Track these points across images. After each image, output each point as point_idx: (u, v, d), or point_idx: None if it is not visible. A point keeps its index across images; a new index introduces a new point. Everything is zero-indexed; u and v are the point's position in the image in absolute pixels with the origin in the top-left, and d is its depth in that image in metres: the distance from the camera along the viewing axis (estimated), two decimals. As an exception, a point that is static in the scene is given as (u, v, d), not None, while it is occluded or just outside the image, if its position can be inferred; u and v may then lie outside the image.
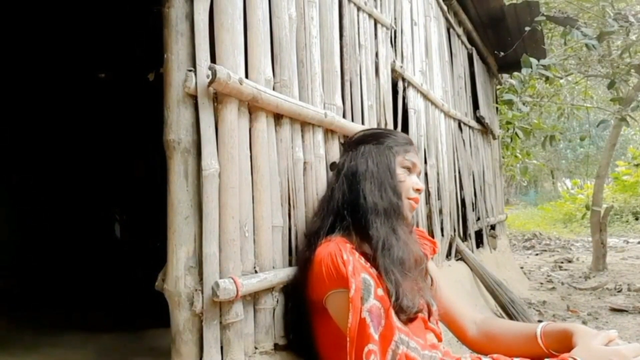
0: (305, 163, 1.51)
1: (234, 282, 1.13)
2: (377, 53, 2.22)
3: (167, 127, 1.14)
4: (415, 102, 2.73)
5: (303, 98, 1.54)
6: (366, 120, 1.98)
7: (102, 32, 3.78)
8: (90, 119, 4.49)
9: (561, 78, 5.53)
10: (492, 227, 4.56)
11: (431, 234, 2.80)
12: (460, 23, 4.03)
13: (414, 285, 1.23)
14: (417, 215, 2.57)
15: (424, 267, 1.37)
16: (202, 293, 1.11)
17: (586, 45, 3.89)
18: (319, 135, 1.59)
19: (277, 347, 1.31)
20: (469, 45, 4.25)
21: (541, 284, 4.81)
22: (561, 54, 5.21)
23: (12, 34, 3.75)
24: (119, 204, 5.03)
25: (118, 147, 4.62)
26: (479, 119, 4.33)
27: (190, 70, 1.13)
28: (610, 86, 4.51)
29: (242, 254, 1.22)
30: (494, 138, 5.06)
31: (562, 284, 4.78)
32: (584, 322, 3.22)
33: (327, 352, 1.26)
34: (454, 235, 3.32)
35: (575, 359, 1.06)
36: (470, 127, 4.10)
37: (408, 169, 1.37)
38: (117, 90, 4.52)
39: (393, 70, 2.43)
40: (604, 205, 5.89)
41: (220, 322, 1.14)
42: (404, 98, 2.61)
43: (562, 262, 6.19)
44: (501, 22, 4.32)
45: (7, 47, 3.76)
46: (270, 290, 1.30)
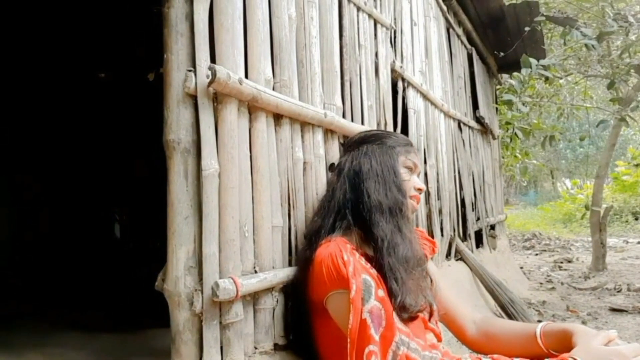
0: (305, 163, 1.51)
1: (234, 282, 1.13)
2: (376, 53, 2.22)
3: (167, 127, 1.14)
4: (415, 102, 2.73)
5: (303, 98, 1.54)
6: (366, 120, 1.99)
7: (102, 32, 3.78)
8: (90, 119, 4.50)
9: (561, 78, 5.53)
10: (492, 227, 4.56)
11: (431, 234, 2.80)
12: (460, 23, 4.03)
13: (417, 284, 1.23)
14: (417, 215, 2.58)
15: (425, 267, 1.37)
16: (202, 293, 1.11)
17: (586, 45, 3.89)
18: (319, 136, 1.59)
19: (277, 347, 1.31)
20: (468, 46, 4.25)
21: (541, 284, 4.81)
22: (561, 54, 5.20)
23: (12, 34, 3.75)
24: (119, 204, 5.04)
25: (118, 147, 4.62)
26: (478, 119, 4.34)
27: (190, 71, 1.14)
28: (610, 86, 4.51)
29: (242, 254, 1.22)
30: (494, 138, 5.06)
31: (562, 284, 4.78)
32: (583, 322, 3.23)
33: (327, 352, 1.26)
34: (454, 235, 3.32)
35: (575, 359, 1.06)
36: (470, 127, 4.10)
37: (410, 169, 1.37)
38: (117, 90, 4.52)
39: (393, 71, 2.43)
40: (604, 205, 5.89)
41: (220, 322, 1.14)
42: (403, 98, 2.61)
43: (561, 262, 6.19)
44: (501, 22, 4.32)
45: (7, 47, 3.76)
46: (270, 290, 1.30)
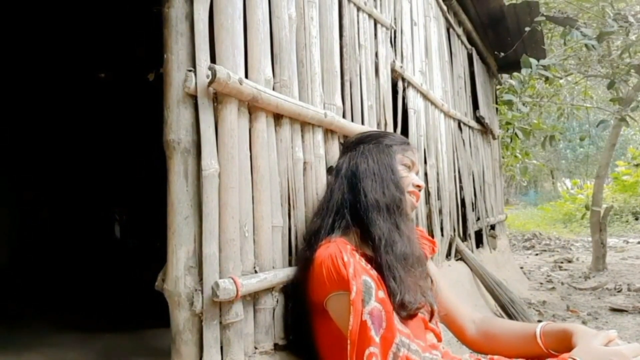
0: (305, 163, 1.51)
1: (234, 282, 1.13)
2: (377, 53, 2.22)
3: (167, 127, 1.14)
4: (415, 102, 2.73)
5: (303, 98, 1.54)
6: (366, 120, 1.98)
7: (102, 32, 3.78)
8: (91, 119, 4.50)
9: (561, 78, 5.53)
10: (492, 227, 4.56)
11: (431, 233, 2.80)
12: (460, 23, 4.03)
13: (416, 281, 1.23)
14: (417, 215, 2.57)
15: (425, 267, 1.37)
16: (202, 293, 1.11)
17: (586, 45, 3.89)
18: (319, 136, 1.59)
19: (277, 347, 1.31)
20: (468, 46, 4.25)
21: (541, 284, 4.81)
22: (561, 54, 5.20)
23: (13, 34, 3.76)
24: (119, 204, 5.04)
25: (118, 147, 4.62)
26: (478, 119, 4.34)
27: (190, 71, 1.13)
28: (610, 86, 4.51)
29: (242, 254, 1.22)
30: (494, 138, 5.07)
31: (562, 284, 4.78)
32: (583, 322, 3.22)
33: (327, 353, 1.25)
34: (454, 235, 3.32)
35: (575, 359, 1.06)
36: (470, 127, 4.10)
37: (407, 166, 1.38)
38: (117, 90, 4.52)
39: (393, 70, 2.43)
40: (604, 205, 5.89)
41: (220, 322, 1.14)
42: (403, 98, 2.61)
43: (562, 262, 6.19)
44: (501, 22, 4.32)
45: (8, 47, 3.76)
46: (270, 290, 1.30)
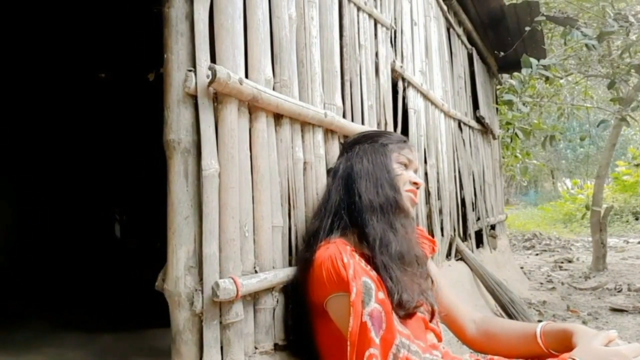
0: (305, 163, 1.51)
1: (234, 282, 1.13)
2: (377, 53, 2.22)
3: (167, 127, 1.14)
4: (415, 102, 2.73)
5: (303, 98, 1.54)
6: (366, 120, 1.98)
7: (102, 32, 3.78)
8: (91, 119, 4.50)
9: (561, 78, 5.53)
10: (492, 227, 4.56)
11: (431, 233, 2.80)
12: (460, 23, 4.03)
13: (413, 280, 1.22)
14: (417, 215, 2.57)
15: (425, 266, 1.37)
16: (202, 293, 1.11)
17: (586, 45, 3.89)
18: (319, 135, 1.59)
19: (277, 347, 1.31)
20: (469, 45, 4.25)
21: (541, 284, 4.81)
22: (561, 54, 5.20)
23: (13, 34, 3.76)
24: (119, 204, 5.05)
25: (118, 147, 4.62)
26: (479, 119, 4.34)
27: (190, 71, 1.13)
28: (610, 86, 4.51)
29: (242, 254, 1.21)
30: (494, 138, 5.07)
31: (562, 284, 4.78)
32: (584, 322, 3.22)
33: (327, 353, 1.25)
34: (454, 235, 3.32)
35: (575, 359, 1.06)
36: (470, 127, 4.10)
37: (404, 165, 1.37)
38: (117, 90, 4.52)
39: (393, 70, 2.43)
40: (604, 205, 5.89)
41: (220, 322, 1.14)
42: (404, 98, 2.61)
43: (562, 262, 6.19)
44: (501, 22, 4.32)
45: (8, 47, 3.76)
46: (270, 290, 1.30)
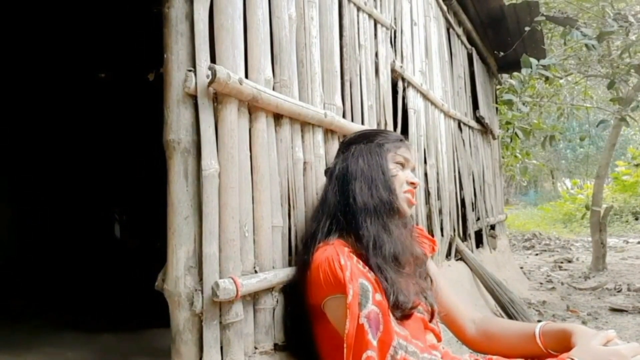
0: (305, 163, 1.51)
1: (234, 282, 1.13)
2: (377, 53, 2.22)
3: (167, 127, 1.14)
4: (415, 102, 2.73)
5: (303, 98, 1.54)
6: (366, 120, 1.98)
7: (102, 32, 3.78)
8: (91, 118, 4.50)
9: (561, 78, 5.53)
10: (492, 227, 4.56)
11: (431, 233, 2.80)
12: (460, 23, 4.03)
13: (409, 281, 1.22)
14: (417, 215, 2.57)
15: (425, 268, 1.36)
16: (202, 293, 1.11)
17: (586, 45, 3.89)
18: (319, 135, 1.59)
19: (277, 347, 1.31)
20: (468, 46, 4.25)
21: (541, 284, 4.81)
22: (561, 54, 5.20)
23: (13, 34, 3.76)
24: (119, 204, 5.05)
25: (118, 147, 4.62)
26: (478, 119, 4.34)
27: (190, 70, 1.13)
28: (610, 86, 4.51)
29: (242, 254, 1.22)
30: (494, 138, 5.07)
31: (562, 284, 4.78)
32: (583, 322, 3.23)
33: (327, 354, 1.25)
34: (454, 235, 3.32)
35: (574, 359, 1.06)
36: (470, 127, 4.10)
37: (401, 164, 1.36)
38: (117, 90, 4.52)
39: (393, 70, 2.43)
40: (604, 205, 5.89)
41: (220, 322, 1.14)
42: (403, 98, 2.61)
43: (561, 262, 6.19)
44: (501, 22, 4.32)
45: (8, 47, 3.76)
46: (270, 290, 1.30)
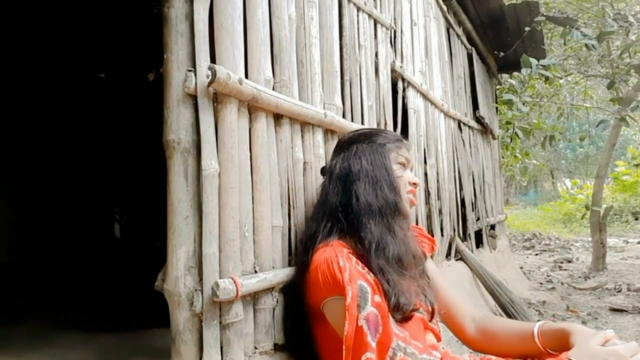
0: (305, 163, 1.51)
1: (234, 282, 1.13)
2: (376, 53, 2.22)
3: (167, 127, 1.14)
4: (415, 102, 2.73)
5: (303, 98, 1.54)
6: (366, 120, 1.98)
7: (102, 32, 3.78)
8: (91, 118, 4.50)
9: (561, 78, 5.53)
10: (492, 227, 4.56)
11: (431, 233, 2.80)
12: (460, 23, 4.03)
13: (411, 283, 1.22)
14: (417, 215, 2.57)
15: (423, 267, 1.36)
16: (202, 293, 1.11)
17: (586, 45, 3.89)
18: (319, 135, 1.59)
19: (277, 347, 1.31)
20: (468, 46, 4.25)
21: (541, 284, 4.81)
22: (561, 54, 5.20)
23: (13, 34, 3.76)
24: (119, 204, 5.05)
25: (118, 147, 4.62)
26: (478, 119, 4.34)
27: (190, 71, 1.13)
28: (610, 86, 4.51)
29: (241, 254, 1.22)
30: (494, 138, 5.07)
31: (562, 284, 4.78)
32: (583, 322, 3.23)
33: (326, 354, 1.25)
34: (454, 235, 3.32)
35: (572, 359, 1.06)
36: (470, 127, 4.10)
37: (402, 164, 1.36)
38: (117, 90, 4.52)
39: (393, 70, 2.43)
40: (604, 205, 5.89)
41: (220, 322, 1.14)
42: (403, 98, 2.61)
43: (561, 262, 6.19)
44: (501, 22, 4.32)
45: (8, 47, 3.76)
46: (270, 290, 1.30)
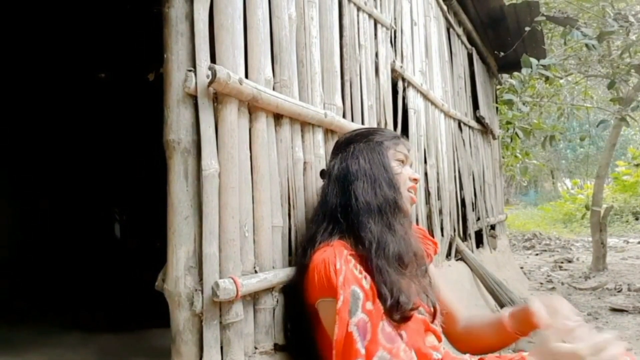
0: (305, 163, 1.51)
1: (234, 282, 1.13)
2: (377, 53, 2.22)
3: (167, 127, 1.14)
4: (415, 102, 2.73)
5: (303, 98, 1.54)
6: (366, 120, 1.98)
7: (102, 32, 3.78)
8: (91, 118, 4.50)
9: (561, 78, 5.53)
10: (492, 227, 4.56)
11: (431, 234, 2.79)
12: (460, 23, 4.03)
13: (411, 282, 1.21)
14: (417, 216, 2.57)
15: (425, 266, 1.36)
16: (202, 293, 1.11)
17: (586, 45, 3.89)
18: (319, 135, 1.59)
19: (277, 347, 1.31)
20: (468, 45, 4.25)
21: (541, 284, 4.81)
22: (561, 54, 5.21)
23: (13, 34, 3.76)
24: (119, 204, 5.04)
25: (118, 147, 4.62)
26: (478, 119, 4.34)
27: (190, 71, 1.13)
28: (610, 86, 4.51)
29: (242, 254, 1.21)
30: (494, 138, 5.06)
31: (562, 284, 4.78)
32: (583, 322, 3.22)
33: (326, 355, 1.25)
34: (454, 235, 3.32)
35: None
36: (470, 127, 4.10)
37: (401, 161, 1.36)
38: (117, 90, 4.52)
39: (393, 70, 2.43)
40: (604, 205, 5.89)
41: (220, 322, 1.14)
42: (403, 98, 2.61)
43: (562, 262, 6.19)
44: (501, 22, 4.32)
45: (8, 47, 3.76)
46: (270, 290, 1.30)
